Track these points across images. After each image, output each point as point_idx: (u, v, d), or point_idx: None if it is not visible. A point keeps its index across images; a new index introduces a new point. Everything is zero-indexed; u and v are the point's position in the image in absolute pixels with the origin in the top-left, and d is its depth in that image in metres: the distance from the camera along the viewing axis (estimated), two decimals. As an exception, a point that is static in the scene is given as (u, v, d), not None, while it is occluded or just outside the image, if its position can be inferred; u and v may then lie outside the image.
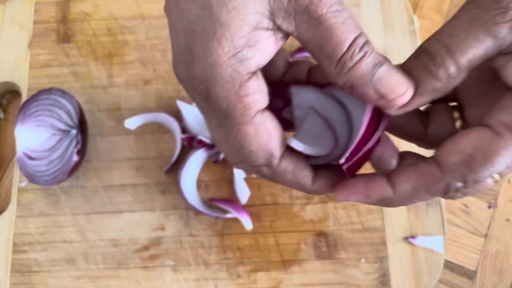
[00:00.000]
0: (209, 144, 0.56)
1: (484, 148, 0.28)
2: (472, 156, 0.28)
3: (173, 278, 0.55)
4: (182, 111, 0.56)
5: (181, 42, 0.29)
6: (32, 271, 0.55)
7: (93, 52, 0.62)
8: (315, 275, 0.54)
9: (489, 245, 0.57)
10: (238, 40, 0.27)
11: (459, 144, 0.28)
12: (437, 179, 0.29)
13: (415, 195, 0.30)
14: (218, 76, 0.27)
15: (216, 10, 0.26)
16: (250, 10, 0.26)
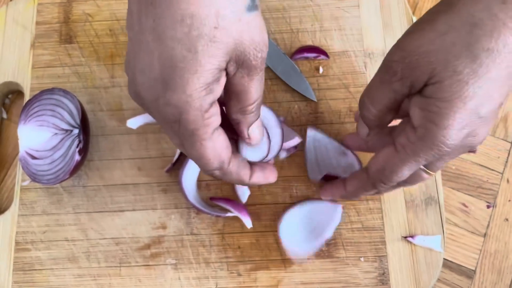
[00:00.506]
0: None
1: (389, 161, 0.41)
2: (383, 167, 0.42)
3: (174, 276, 0.55)
4: None
5: (156, 71, 0.35)
6: (34, 269, 0.56)
7: (95, 53, 0.62)
8: (314, 274, 0.55)
9: (488, 245, 0.58)
10: (210, 78, 0.35)
11: (377, 158, 0.43)
12: (366, 182, 0.45)
13: (358, 192, 0.47)
14: (192, 104, 0.35)
15: (200, 55, 0.34)
16: (220, 58, 0.34)
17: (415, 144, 0.39)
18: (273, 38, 0.62)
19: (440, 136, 0.37)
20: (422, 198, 0.56)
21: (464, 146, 0.38)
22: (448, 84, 0.35)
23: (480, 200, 0.59)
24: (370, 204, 0.56)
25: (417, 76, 0.37)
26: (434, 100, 0.36)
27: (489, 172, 0.60)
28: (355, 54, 0.61)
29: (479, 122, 0.36)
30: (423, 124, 0.38)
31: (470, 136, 0.37)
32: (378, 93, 0.41)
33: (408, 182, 0.44)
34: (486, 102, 0.35)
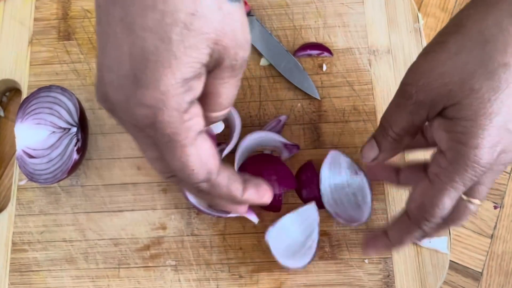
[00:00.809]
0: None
1: (426, 195, 0.39)
2: (422, 202, 0.39)
3: (174, 278, 0.54)
4: None
5: (125, 67, 0.30)
6: (31, 270, 0.55)
7: (94, 50, 0.61)
8: (318, 276, 0.53)
9: (495, 246, 0.57)
10: (189, 73, 0.30)
11: (414, 194, 0.40)
12: (409, 224, 0.41)
13: (403, 238, 0.42)
14: (168, 103, 0.30)
15: (175, 45, 0.29)
16: (201, 50, 0.30)
17: (447, 170, 0.37)
18: (275, 35, 0.60)
19: (472, 156, 0.35)
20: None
21: (499, 164, 0.37)
22: (468, 103, 0.35)
23: (487, 200, 0.58)
24: (375, 205, 0.55)
25: (433, 99, 0.37)
26: (458, 120, 0.36)
27: (496, 172, 0.59)
28: (359, 51, 0.60)
29: (509, 138, 0.35)
30: (451, 146, 0.37)
31: (503, 152, 0.36)
32: (395, 117, 0.40)
33: (457, 218, 0.40)
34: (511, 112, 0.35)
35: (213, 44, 0.31)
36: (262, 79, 0.59)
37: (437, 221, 0.39)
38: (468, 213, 0.40)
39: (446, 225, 0.41)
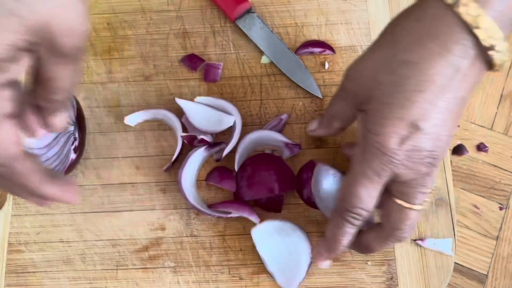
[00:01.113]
0: (211, 143, 0.54)
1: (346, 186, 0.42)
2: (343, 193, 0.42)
3: (173, 280, 0.53)
4: (184, 108, 0.55)
5: None
6: (28, 271, 0.54)
7: (92, 47, 0.60)
8: (319, 278, 0.52)
9: (501, 248, 0.56)
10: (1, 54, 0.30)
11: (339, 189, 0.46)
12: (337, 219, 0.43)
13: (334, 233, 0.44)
14: None
15: None
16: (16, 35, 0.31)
17: (359, 158, 0.40)
18: (277, 32, 0.59)
19: (375, 142, 0.39)
20: (432, 200, 0.54)
21: (415, 162, 0.39)
22: (375, 95, 0.39)
23: (492, 201, 0.57)
24: (377, 205, 0.54)
25: (355, 90, 0.42)
26: (369, 111, 0.40)
27: (502, 172, 0.58)
28: (362, 49, 0.59)
29: (419, 135, 0.37)
30: (363, 135, 0.40)
31: (416, 150, 0.38)
32: (332, 100, 0.47)
33: (394, 223, 0.42)
34: (419, 113, 0.37)
35: (37, 32, 0.31)
36: (263, 77, 0.58)
37: (359, 212, 0.41)
38: (404, 219, 0.41)
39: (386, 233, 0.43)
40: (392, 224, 0.42)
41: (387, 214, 0.43)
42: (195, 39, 0.60)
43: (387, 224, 0.43)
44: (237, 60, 0.59)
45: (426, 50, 0.37)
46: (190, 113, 0.55)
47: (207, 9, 0.61)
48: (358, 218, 0.42)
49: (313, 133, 0.51)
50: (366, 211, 0.42)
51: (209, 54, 0.59)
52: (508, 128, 0.58)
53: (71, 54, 0.34)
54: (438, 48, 0.36)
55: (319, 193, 0.50)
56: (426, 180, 0.40)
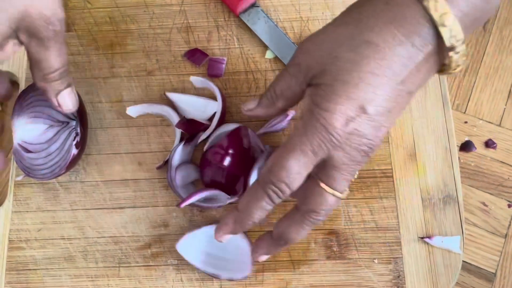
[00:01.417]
0: (204, 125, 0.53)
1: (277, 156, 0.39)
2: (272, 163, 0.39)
3: (176, 277, 0.52)
4: (175, 102, 0.55)
5: None
6: (28, 269, 0.53)
7: (94, 41, 0.59)
8: (325, 276, 0.51)
9: (510, 246, 0.55)
10: None
11: (268, 160, 0.40)
12: (256, 190, 0.40)
13: (249, 205, 0.41)
14: None
15: None
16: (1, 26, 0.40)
17: (299, 131, 0.39)
18: (281, 26, 0.59)
19: (322, 118, 0.37)
20: (440, 197, 0.53)
21: (352, 146, 0.38)
22: (330, 70, 0.38)
23: (500, 199, 0.56)
24: (384, 203, 0.53)
25: (308, 64, 0.40)
26: (320, 85, 0.38)
27: (510, 169, 0.57)
28: (368, 44, 0.58)
29: (364, 119, 0.37)
30: (309, 108, 0.39)
31: (357, 133, 0.37)
32: (279, 77, 0.44)
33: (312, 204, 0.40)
34: (369, 97, 0.37)
35: (19, 21, 0.40)
36: (268, 72, 0.57)
37: (283, 188, 0.39)
38: (323, 203, 0.40)
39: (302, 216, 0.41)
40: (309, 206, 0.40)
41: (306, 196, 0.41)
42: (198, 33, 0.59)
43: (304, 206, 0.41)
44: (241, 55, 0.58)
45: (390, 35, 0.36)
46: (181, 104, 0.55)
47: (210, 3, 0.60)
48: (280, 195, 0.40)
49: (250, 113, 0.47)
50: (289, 190, 0.39)
51: (213, 49, 0.58)
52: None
53: (50, 36, 0.41)
54: (401, 36, 0.36)
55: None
56: (354, 168, 0.39)
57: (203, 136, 0.54)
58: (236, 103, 0.56)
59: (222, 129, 0.54)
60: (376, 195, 0.53)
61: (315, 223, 0.41)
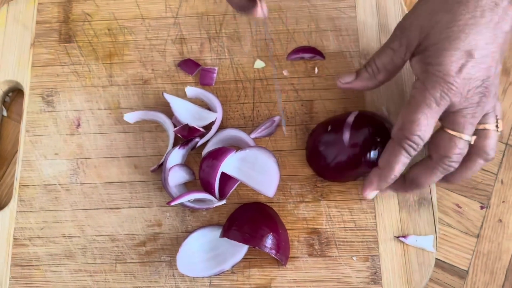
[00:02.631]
0: (201, 132, 0.57)
1: (405, 115, 0.45)
2: (402, 122, 0.45)
3: (169, 273, 0.56)
4: (170, 103, 0.58)
5: None
6: (31, 265, 0.57)
7: (94, 52, 0.63)
8: (307, 272, 0.55)
9: (481, 245, 0.58)
10: None
11: (398, 119, 0.46)
12: (393, 147, 0.47)
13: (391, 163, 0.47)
14: None
15: None
16: None
17: (420, 88, 0.44)
18: (269, 38, 0.62)
19: (437, 71, 0.43)
20: (415, 199, 0.56)
21: (469, 90, 0.43)
22: (433, 32, 0.44)
23: (474, 201, 0.59)
24: (363, 204, 0.57)
25: (410, 37, 0.46)
26: (428, 48, 0.44)
27: (483, 173, 0.60)
28: (350, 55, 0.61)
29: (473, 63, 0.43)
30: (423, 69, 0.45)
31: (470, 78, 0.43)
32: (380, 53, 0.50)
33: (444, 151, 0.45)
34: (472, 43, 0.42)
35: None
36: (256, 82, 0.61)
37: (417, 140, 0.45)
38: (453, 147, 0.45)
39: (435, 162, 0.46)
40: (441, 153, 0.46)
41: (436, 144, 0.46)
42: (191, 44, 0.63)
43: (435, 154, 0.46)
44: (231, 65, 0.62)
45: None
46: (176, 107, 0.58)
47: (203, 16, 0.63)
48: (415, 147, 0.46)
49: (347, 86, 0.53)
50: (423, 141, 0.45)
51: (205, 59, 0.62)
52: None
53: None
54: None
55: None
56: (476, 110, 0.44)
57: (201, 141, 0.58)
58: (227, 110, 0.60)
59: (219, 135, 0.58)
60: (355, 196, 0.57)
61: (447, 169, 0.47)
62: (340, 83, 0.53)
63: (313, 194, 0.57)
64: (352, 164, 0.53)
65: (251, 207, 0.56)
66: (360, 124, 0.53)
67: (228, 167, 0.55)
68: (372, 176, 0.49)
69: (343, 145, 0.53)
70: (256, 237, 0.51)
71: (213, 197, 0.55)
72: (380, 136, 0.52)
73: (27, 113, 0.61)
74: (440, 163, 0.46)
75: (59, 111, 0.61)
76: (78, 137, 0.60)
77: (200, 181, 0.55)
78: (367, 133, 0.52)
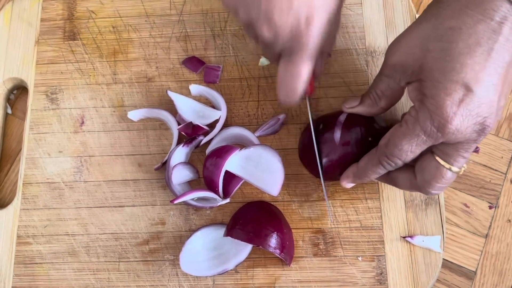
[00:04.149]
0: (205, 130, 0.57)
1: (393, 135, 0.44)
2: (388, 140, 0.45)
3: (172, 272, 0.55)
4: (175, 101, 0.58)
5: None
6: (35, 263, 0.56)
7: (98, 50, 0.63)
8: (312, 272, 0.54)
9: (490, 246, 0.57)
10: None
11: (388, 133, 0.45)
12: (373, 157, 0.47)
13: (367, 169, 0.48)
14: None
15: None
16: None
17: (414, 117, 0.42)
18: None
19: (430, 104, 0.40)
20: (422, 198, 0.55)
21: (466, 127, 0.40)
22: (426, 63, 0.41)
23: (482, 200, 0.58)
24: (369, 203, 0.56)
25: (403, 63, 0.43)
26: (423, 78, 0.41)
27: (492, 172, 0.59)
28: (357, 52, 0.60)
29: (472, 97, 0.39)
30: (418, 98, 0.42)
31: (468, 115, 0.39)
32: (377, 79, 0.48)
33: (429, 178, 0.44)
34: (470, 75, 0.39)
35: None
36: (261, 79, 0.60)
37: (396, 161, 0.45)
38: (439, 177, 0.44)
39: (417, 184, 0.46)
40: (425, 178, 0.45)
41: (423, 168, 0.45)
42: (196, 42, 0.62)
43: (420, 176, 0.45)
44: (236, 63, 0.61)
45: (469, 17, 0.39)
46: (180, 105, 0.58)
47: (207, 13, 0.63)
48: (392, 166, 0.46)
49: (351, 110, 0.51)
50: (402, 162, 0.45)
51: (209, 57, 0.62)
52: (499, 129, 0.60)
53: None
54: (478, 15, 0.39)
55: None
56: (471, 145, 0.42)
57: (205, 139, 0.57)
58: (231, 108, 0.60)
59: (224, 133, 0.57)
60: (361, 196, 0.56)
61: (428, 194, 0.46)
62: (345, 108, 0.52)
63: (318, 193, 0.56)
64: (343, 163, 0.52)
65: (255, 206, 0.55)
66: (351, 123, 0.52)
67: (232, 165, 0.54)
68: (350, 170, 0.50)
69: (334, 144, 0.51)
70: (260, 236, 0.51)
71: (217, 195, 0.54)
72: (371, 136, 0.51)
73: (31, 110, 0.61)
74: (422, 187, 0.45)
75: (63, 109, 0.61)
76: (82, 135, 0.60)
77: (204, 179, 0.55)
78: (359, 132, 0.51)
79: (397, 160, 0.45)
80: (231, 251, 0.54)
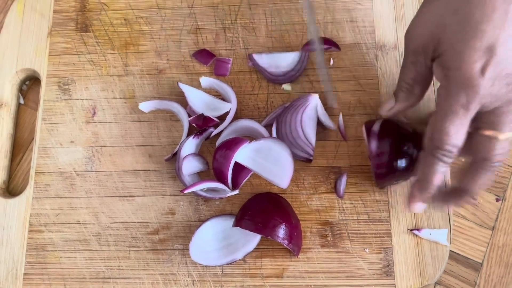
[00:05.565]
0: (215, 122, 0.57)
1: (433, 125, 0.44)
2: (431, 132, 0.44)
3: (181, 261, 0.56)
4: (185, 93, 0.58)
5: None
6: (46, 250, 0.57)
7: (110, 41, 0.63)
8: (319, 263, 0.55)
9: (496, 238, 0.58)
10: None
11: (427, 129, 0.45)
12: (427, 158, 0.45)
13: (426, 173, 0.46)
14: None
15: None
16: None
17: (444, 96, 0.42)
18: (284, 29, 0.62)
19: (458, 76, 0.40)
20: (429, 191, 0.56)
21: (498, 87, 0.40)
22: (444, 37, 0.42)
23: (489, 193, 0.59)
24: (377, 196, 0.56)
25: (423, 44, 0.44)
26: (443, 52, 0.42)
27: (499, 166, 0.60)
28: (366, 47, 0.61)
29: (496, 58, 0.39)
30: (442, 75, 0.42)
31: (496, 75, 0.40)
32: (403, 70, 0.48)
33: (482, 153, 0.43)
34: (491, 39, 0.39)
35: None
36: (271, 72, 0.61)
37: (449, 148, 0.43)
38: (494, 147, 0.43)
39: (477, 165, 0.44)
40: (483, 155, 0.44)
41: (476, 148, 0.44)
42: (206, 35, 0.63)
43: (476, 157, 0.44)
44: (246, 56, 0.62)
45: None
46: (191, 97, 0.59)
47: (218, 7, 0.64)
48: (449, 155, 0.44)
49: (391, 112, 0.51)
50: (456, 147, 0.43)
51: (220, 50, 0.62)
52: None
53: None
54: None
55: None
56: (510, 107, 0.42)
57: (216, 131, 0.58)
58: (241, 100, 0.60)
59: (233, 126, 0.58)
60: (369, 189, 0.57)
61: (494, 168, 0.44)
62: (383, 112, 0.52)
63: (326, 185, 0.57)
64: (379, 174, 0.52)
65: (264, 197, 0.56)
66: (385, 133, 0.52)
67: (241, 157, 0.55)
68: (412, 189, 0.48)
69: (370, 154, 0.52)
70: (268, 227, 0.52)
71: (226, 186, 0.55)
72: (406, 144, 0.51)
73: (44, 101, 0.62)
74: (483, 166, 0.44)
75: (75, 100, 0.62)
76: (94, 125, 0.61)
77: (214, 170, 0.56)
78: (393, 141, 0.51)
79: (449, 147, 0.43)
80: (240, 242, 0.55)
